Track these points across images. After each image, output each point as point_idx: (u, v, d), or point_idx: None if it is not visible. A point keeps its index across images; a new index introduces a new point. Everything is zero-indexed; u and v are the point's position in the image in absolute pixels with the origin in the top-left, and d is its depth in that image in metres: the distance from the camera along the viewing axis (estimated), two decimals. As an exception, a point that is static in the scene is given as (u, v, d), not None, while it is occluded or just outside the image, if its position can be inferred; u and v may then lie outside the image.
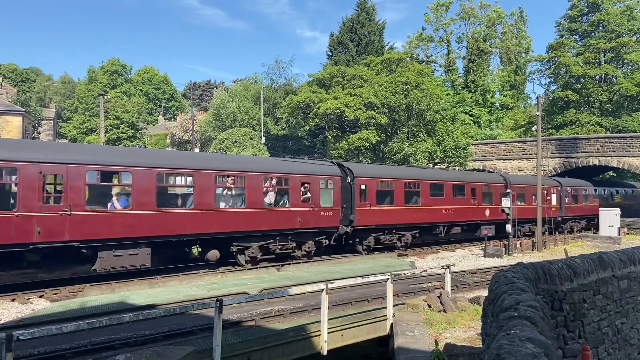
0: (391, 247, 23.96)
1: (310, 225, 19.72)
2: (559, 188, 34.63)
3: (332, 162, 22.53)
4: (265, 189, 18.54)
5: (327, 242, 20.98)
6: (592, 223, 37.36)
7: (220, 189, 17.57)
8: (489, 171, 43.32)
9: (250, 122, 51.76)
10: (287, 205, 19.14)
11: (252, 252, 18.07)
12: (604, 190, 40.48)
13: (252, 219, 17.86)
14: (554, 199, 33.91)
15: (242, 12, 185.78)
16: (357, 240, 22.57)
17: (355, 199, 21.61)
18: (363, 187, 22.12)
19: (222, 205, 17.41)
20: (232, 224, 17.35)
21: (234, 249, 17.77)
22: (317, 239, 20.23)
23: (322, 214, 20.17)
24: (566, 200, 34.95)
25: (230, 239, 17.62)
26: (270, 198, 18.77)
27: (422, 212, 24.92)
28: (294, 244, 19.44)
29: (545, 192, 32.43)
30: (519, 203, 31.15)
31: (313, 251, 20.17)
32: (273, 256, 18.88)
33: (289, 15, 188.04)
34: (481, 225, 28.63)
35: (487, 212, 28.94)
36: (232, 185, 17.75)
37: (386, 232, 23.38)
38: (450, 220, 26.64)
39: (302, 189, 19.67)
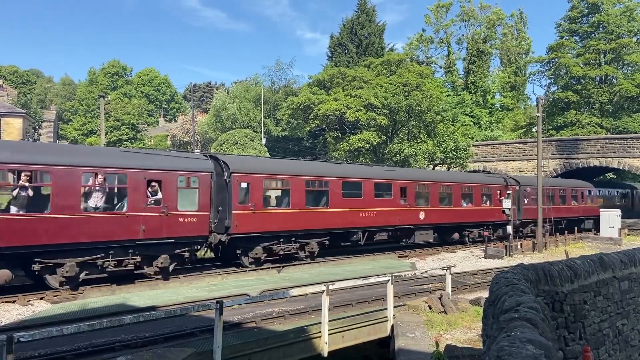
0: (291, 258, 20.11)
1: (162, 235, 15.55)
2: (517, 188, 30.95)
3: (205, 156, 18.41)
4: (87, 188, 14.50)
5: (190, 254, 17.02)
6: (559, 226, 32.85)
7: (10, 188, 13.81)
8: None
9: (251, 124, 51.83)
10: (124, 210, 14.94)
11: (67, 271, 13.77)
12: (574, 190, 36.78)
13: (62, 227, 13.57)
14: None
15: (243, 13, 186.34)
16: (240, 251, 18.52)
17: (233, 201, 17.55)
18: (244, 185, 18.07)
19: (14, 210, 13.29)
20: (28, 236, 13.05)
21: (37, 267, 13.47)
22: (176, 251, 16.12)
23: (182, 220, 16.06)
24: (525, 202, 31.08)
25: (31, 254, 13.34)
26: (96, 200, 14.62)
27: (332, 215, 20.78)
28: (139, 259, 15.27)
29: (499, 191, 29.73)
30: (465, 205, 27.99)
31: (171, 267, 16.13)
32: (105, 275, 14.82)
33: (289, 16, 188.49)
34: (415, 230, 24.91)
35: (422, 215, 25.00)
36: (26, 184, 13.44)
37: (282, 240, 19.37)
38: (372, 224, 22.59)
39: (149, 188, 15.52)
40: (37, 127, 72.71)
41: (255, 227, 18.24)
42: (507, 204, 27.34)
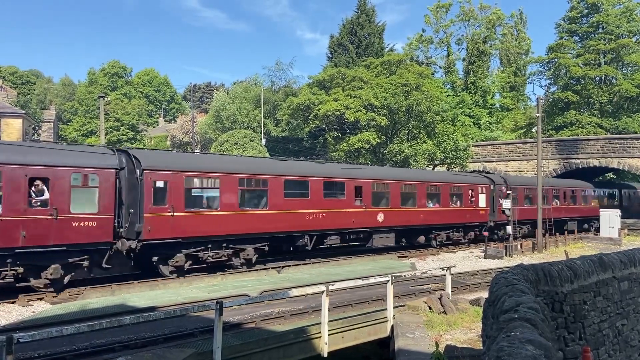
0: (224, 266, 18.04)
1: (49, 242, 13.46)
2: (491, 187, 29.09)
3: (112, 150, 16.07)
4: None
5: (91, 264, 14.74)
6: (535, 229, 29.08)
7: None
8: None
9: (251, 124, 51.83)
10: None
11: None
12: (556, 190, 35.08)
13: None
14: (482, 199, 28.48)
15: (243, 13, 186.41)
16: (157, 259, 16.33)
17: (145, 202, 15.35)
18: (161, 184, 15.82)
19: None
20: None
21: None
22: (71, 260, 14.07)
23: (76, 224, 13.93)
24: (500, 202, 28.85)
25: None
26: None
27: (272, 218, 18.77)
28: (21, 270, 13.26)
29: (471, 191, 28.14)
30: (431, 205, 26.13)
31: (65, 279, 14.09)
32: None
33: (289, 16, 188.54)
34: (373, 233, 23.00)
35: (381, 217, 23.09)
36: None
37: (210, 246, 17.22)
38: (321, 228, 20.58)
39: (33, 188, 13.48)
40: (36, 127, 72.72)
41: (174, 232, 16.02)
42: (507, 204, 27.33)
